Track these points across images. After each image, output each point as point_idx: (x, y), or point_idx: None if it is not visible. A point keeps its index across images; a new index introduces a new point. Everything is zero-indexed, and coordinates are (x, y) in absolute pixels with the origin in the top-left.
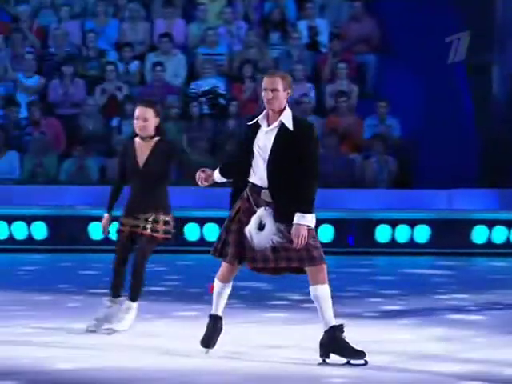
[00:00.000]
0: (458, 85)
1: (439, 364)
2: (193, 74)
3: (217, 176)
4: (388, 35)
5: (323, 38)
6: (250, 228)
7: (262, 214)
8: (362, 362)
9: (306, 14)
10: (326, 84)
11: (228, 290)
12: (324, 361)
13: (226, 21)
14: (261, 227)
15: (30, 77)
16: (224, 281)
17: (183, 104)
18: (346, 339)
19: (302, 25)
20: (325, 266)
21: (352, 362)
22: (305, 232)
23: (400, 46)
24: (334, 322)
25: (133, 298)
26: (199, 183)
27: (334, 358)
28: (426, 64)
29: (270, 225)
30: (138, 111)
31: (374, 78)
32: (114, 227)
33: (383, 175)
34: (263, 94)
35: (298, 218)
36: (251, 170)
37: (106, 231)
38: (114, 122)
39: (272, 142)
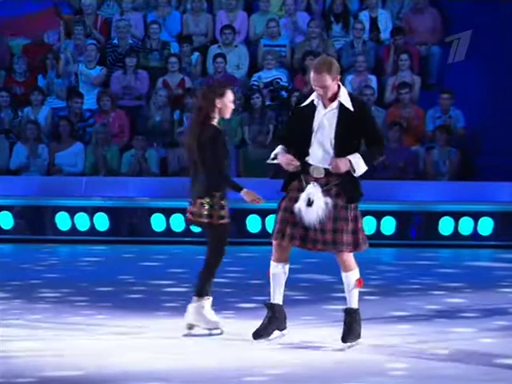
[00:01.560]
0: None
1: (501, 357)
2: (255, 66)
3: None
4: (451, 26)
5: (386, 29)
6: (300, 205)
7: (310, 190)
8: (341, 346)
9: (369, 5)
10: (388, 76)
11: (283, 272)
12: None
13: (288, 12)
14: (309, 203)
15: (93, 68)
16: (276, 260)
17: (245, 96)
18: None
19: (365, 16)
20: (351, 253)
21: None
22: (344, 168)
23: None
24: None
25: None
26: (292, 169)
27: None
28: (489, 55)
29: (319, 200)
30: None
31: (437, 70)
32: None
33: (446, 167)
34: (313, 87)
35: (353, 155)
36: (306, 150)
37: None
38: (176, 115)
39: (335, 122)
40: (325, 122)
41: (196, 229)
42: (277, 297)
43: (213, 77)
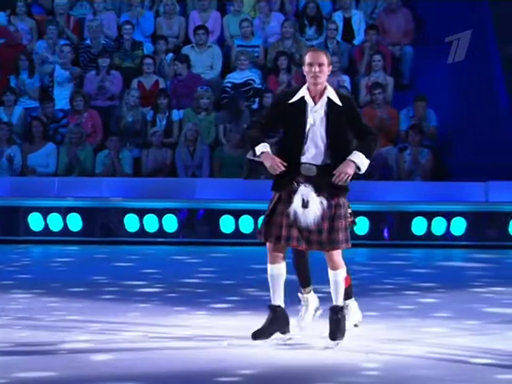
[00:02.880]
0: (494, 75)
1: (474, 357)
2: (228, 67)
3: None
4: (424, 27)
5: (359, 29)
6: (295, 207)
7: (304, 191)
8: (332, 344)
9: (342, 5)
10: (361, 76)
11: (280, 273)
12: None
13: (262, 12)
14: (305, 205)
15: (66, 69)
16: (272, 262)
17: (218, 96)
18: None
19: (338, 17)
20: (340, 250)
21: (331, 341)
22: (351, 171)
23: (436, 37)
24: (340, 302)
25: None
26: (278, 170)
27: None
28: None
29: (314, 200)
30: None
31: (409, 70)
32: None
33: (419, 167)
34: (307, 68)
35: (353, 154)
36: (296, 148)
37: None
38: (149, 115)
39: (326, 119)
40: (316, 118)
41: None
42: (277, 299)
43: (179, 77)
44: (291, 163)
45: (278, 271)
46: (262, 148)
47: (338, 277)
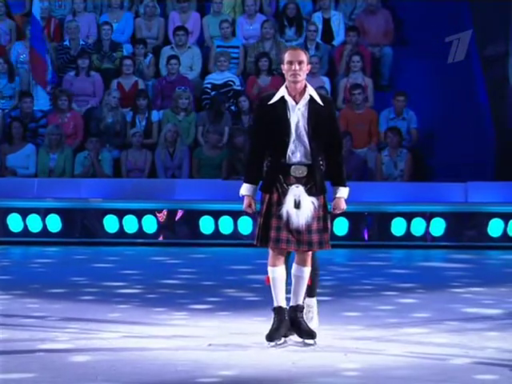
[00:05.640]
0: (473, 76)
1: (453, 357)
2: (207, 68)
3: (255, 193)
4: (403, 28)
5: (338, 30)
6: (288, 208)
7: (295, 192)
8: (313, 342)
9: (321, 6)
10: (341, 77)
11: (282, 275)
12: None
13: (242, 13)
14: (297, 205)
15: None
16: (274, 264)
17: (198, 97)
18: (303, 319)
19: (318, 18)
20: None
21: (305, 341)
22: (344, 205)
23: (415, 38)
24: (302, 302)
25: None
26: (250, 212)
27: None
28: (441, 56)
29: (306, 201)
30: None
31: (389, 71)
32: None
33: (399, 168)
34: (287, 67)
35: (340, 191)
36: (283, 149)
37: None
38: (128, 116)
39: (307, 117)
40: (300, 116)
41: None
42: (280, 300)
43: (166, 78)
44: (280, 164)
45: (279, 274)
46: (244, 190)
47: (306, 274)
